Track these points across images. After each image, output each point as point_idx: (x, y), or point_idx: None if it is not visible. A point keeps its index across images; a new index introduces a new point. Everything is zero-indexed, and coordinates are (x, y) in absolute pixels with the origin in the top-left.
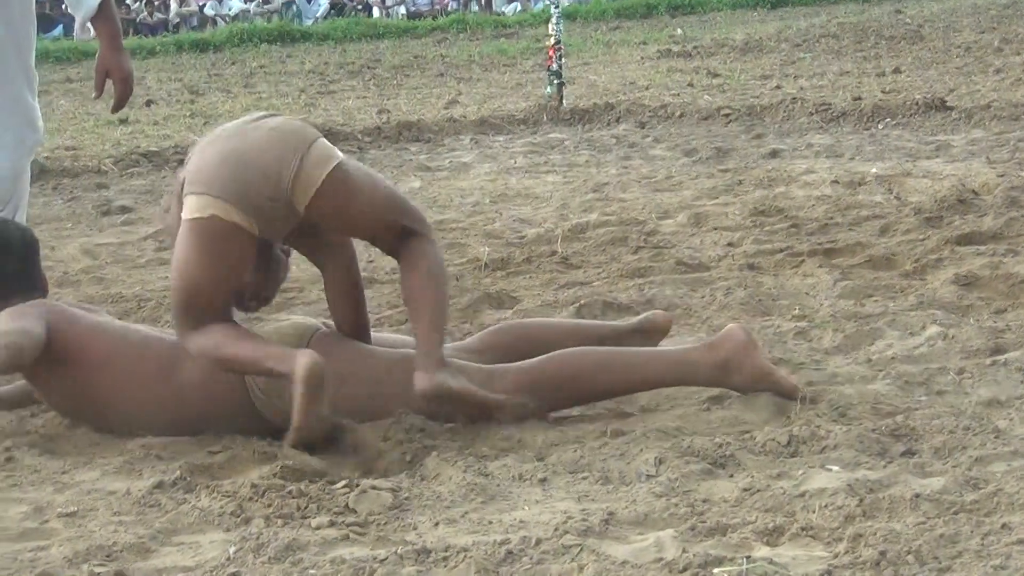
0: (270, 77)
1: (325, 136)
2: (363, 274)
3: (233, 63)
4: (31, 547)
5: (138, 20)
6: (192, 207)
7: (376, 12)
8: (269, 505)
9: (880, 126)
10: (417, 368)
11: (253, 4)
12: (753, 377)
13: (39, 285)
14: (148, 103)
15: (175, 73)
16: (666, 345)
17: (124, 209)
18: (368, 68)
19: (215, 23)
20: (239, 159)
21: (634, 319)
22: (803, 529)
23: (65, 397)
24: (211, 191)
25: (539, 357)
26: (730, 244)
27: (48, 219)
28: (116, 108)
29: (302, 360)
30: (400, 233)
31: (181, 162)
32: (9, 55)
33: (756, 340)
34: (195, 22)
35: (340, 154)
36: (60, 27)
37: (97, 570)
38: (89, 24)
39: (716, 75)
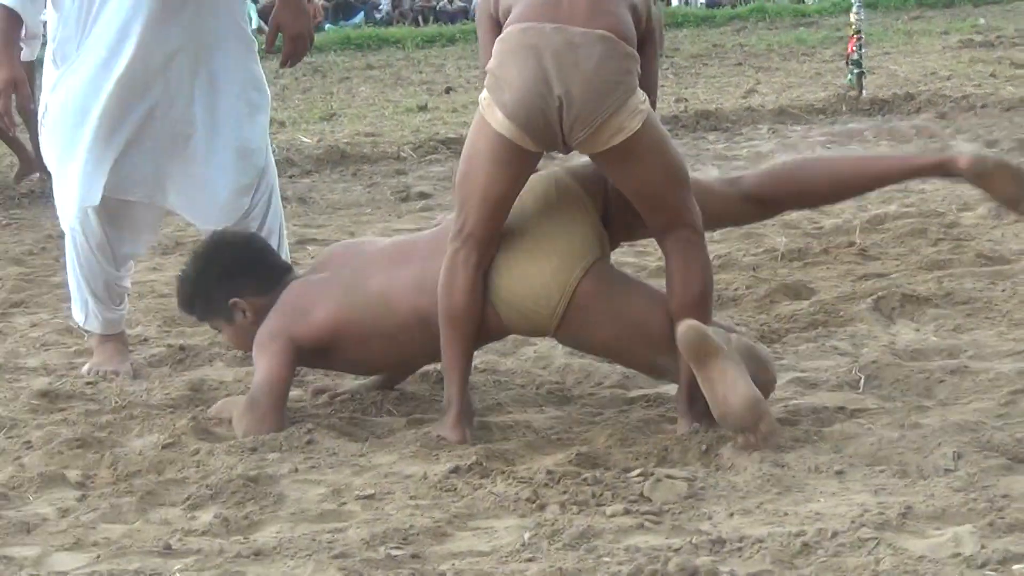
0: None
1: None
2: (660, 263)
3: None
4: (329, 528)
5: (438, 7)
6: None
7: (675, 0)
8: (564, 492)
9: None
10: None
11: None
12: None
13: (285, 267)
14: (447, 90)
15: (474, 60)
16: None
17: (423, 195)
18: (666, 56)
19: None
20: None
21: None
22: None
23: (346, 364)
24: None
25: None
26: None
27: (348, 205)
28: (283, 63)
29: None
30: (675, 218)
31: None
32: (228, 23)
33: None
34: None
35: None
36: (361, 14)
37: (393, 553)
38: None
39: (1020, 66)
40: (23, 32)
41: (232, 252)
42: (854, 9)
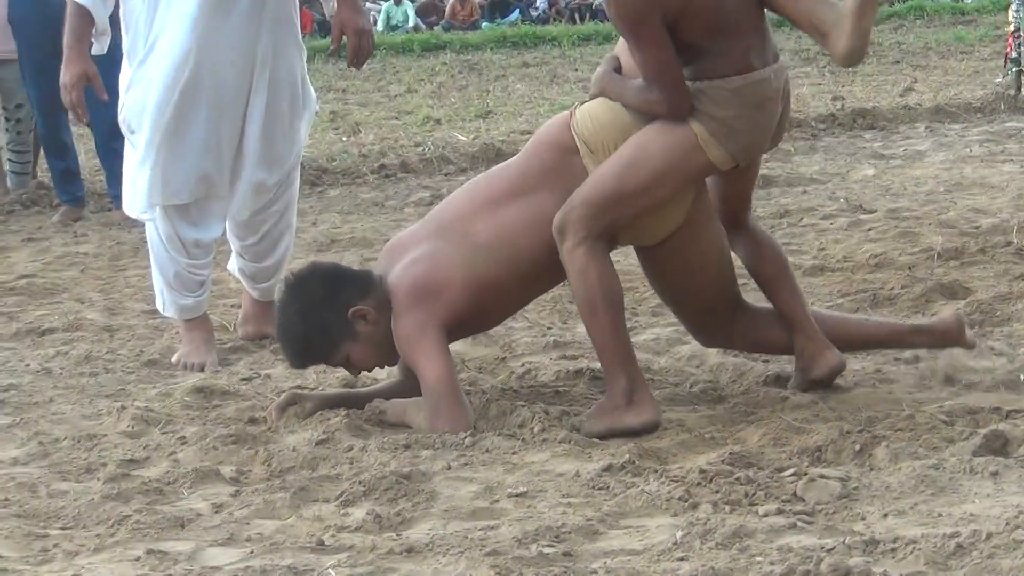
0: None
1: None
2: (815, 262)
3: None
4: (481, 526)
5: (594, 5)
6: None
7: None
8: (717, 491)
9: None
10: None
11: None
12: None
13: (362, 270)
14: None
15: None
16: None
17: None
18: (823, 55)
19: None
20: None
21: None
22: None
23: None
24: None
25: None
26: None
27: None
28: (350, 62)
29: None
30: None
31: None
32: (287, 28)
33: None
34: None
35: None
36: (517, 12)
37: (546, 551)
38: None
39: None
40: (94, 28)
41: (318, 276)
42: (1013, 7)
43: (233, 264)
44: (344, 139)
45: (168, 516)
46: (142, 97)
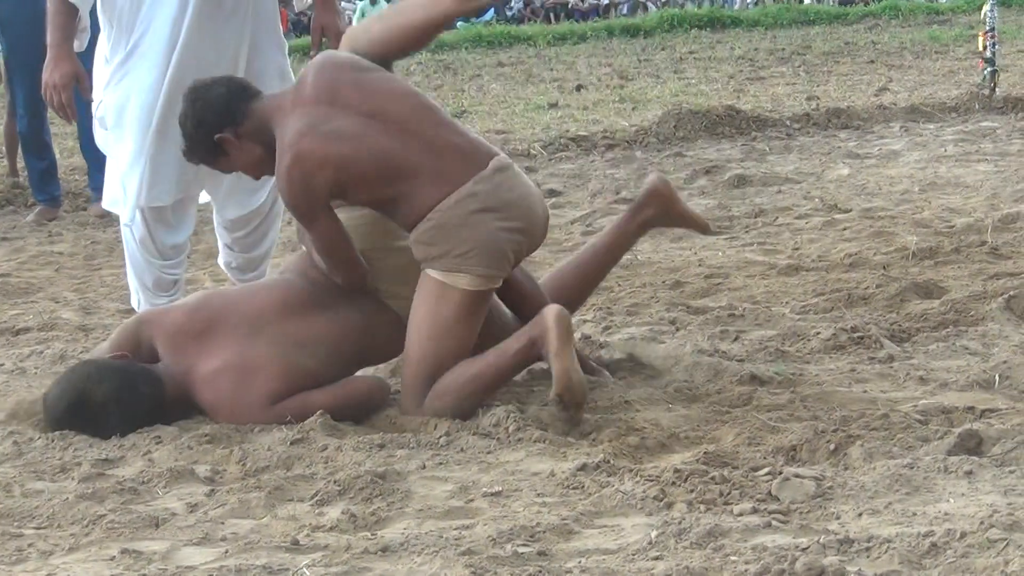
0: (699, 63)
1: (755, 122)
2: (790, 261)
3: (663, 48)
4: (456, 525)
5: (570, 5)
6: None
7: None
8: (692, 490)
9: None
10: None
11: None
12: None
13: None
14: (578, 87)
15: (605, 58)
16: None
17: (553, 193)
18: (798, 54)
19: (646, 8)
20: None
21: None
22: None
23: None
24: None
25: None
26: None
27: None
28: None
29: (550, 313)
30: None
31: (607, 147)
32: (267, 25)
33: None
34: (626, 9)
35: None
36: (492, 12)
37: (521, 550)
38: None
39: None
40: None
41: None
42: (987, 7)
43: (222, 258)
44: None
45: (143, 515)
46: (122, 97)
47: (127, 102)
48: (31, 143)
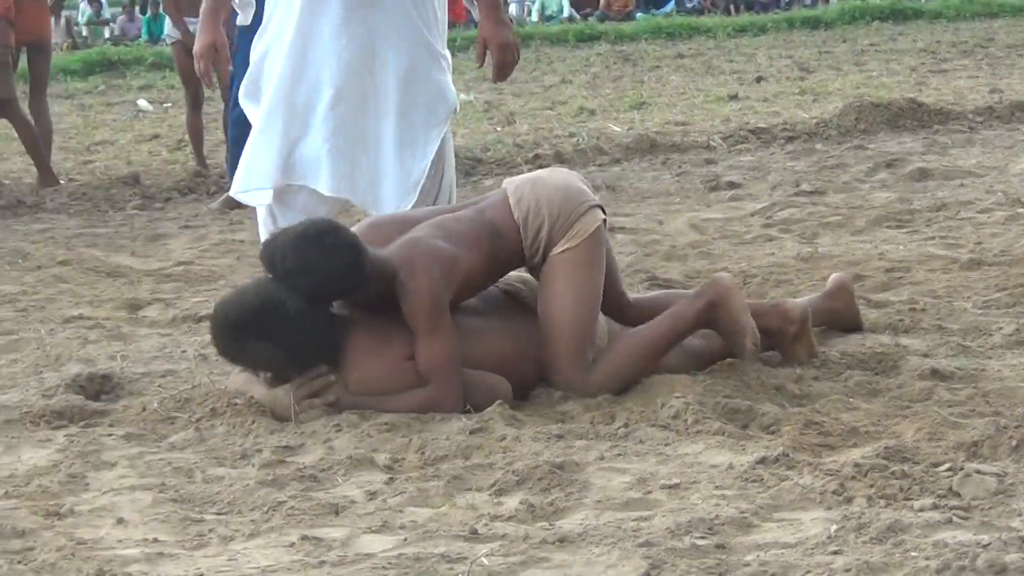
0: (880, 55)
1: (937, 115)
2: (972, 256)
3: (844, 40)
4: (634, 517)
5: None
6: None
7: None
8: (872, 485)
9: None
10: None
11: None
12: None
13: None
14: (758, 79)
15: (786, 50)
16: None
17: (732, 185)
18: (981, 47)
19: (827, 0)
20: None
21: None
22: None
23: None
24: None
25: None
26: None
27: (657, 193)
28: (495, 77)
29: (725, 277)
30: None
31: (787, 139)
32: (414, 37)
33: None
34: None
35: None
36: (672, 2)
37: (698, 543)
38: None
39: None
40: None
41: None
42: None
43: None
44: (498, 129)
45: (322, 502)
46: (269, 79)
47: (267, 82)
48: (241, 132)
